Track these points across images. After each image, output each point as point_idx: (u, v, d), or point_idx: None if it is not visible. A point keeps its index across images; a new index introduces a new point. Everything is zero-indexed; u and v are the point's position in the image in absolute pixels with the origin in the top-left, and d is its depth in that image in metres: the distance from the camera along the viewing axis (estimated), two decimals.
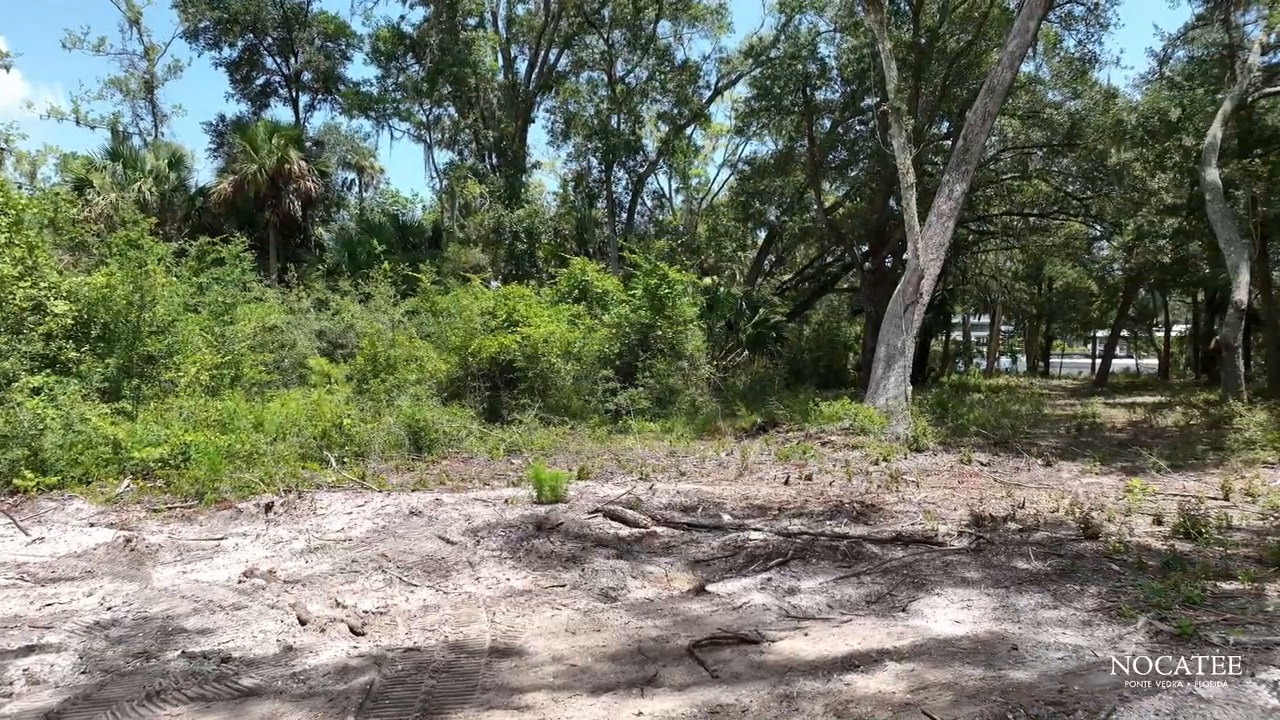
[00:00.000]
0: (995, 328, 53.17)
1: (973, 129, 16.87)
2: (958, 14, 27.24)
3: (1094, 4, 26.26)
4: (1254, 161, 23.63)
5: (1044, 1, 17.22)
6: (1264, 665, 4.17)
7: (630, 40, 32.62)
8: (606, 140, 32.14)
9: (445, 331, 16.81)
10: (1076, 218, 33.80)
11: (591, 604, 5.53)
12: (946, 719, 3.64)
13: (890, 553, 6.62)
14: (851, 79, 28.24)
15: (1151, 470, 10.74)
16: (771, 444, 13.51)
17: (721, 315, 24.75)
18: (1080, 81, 28.77)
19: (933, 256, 16.63)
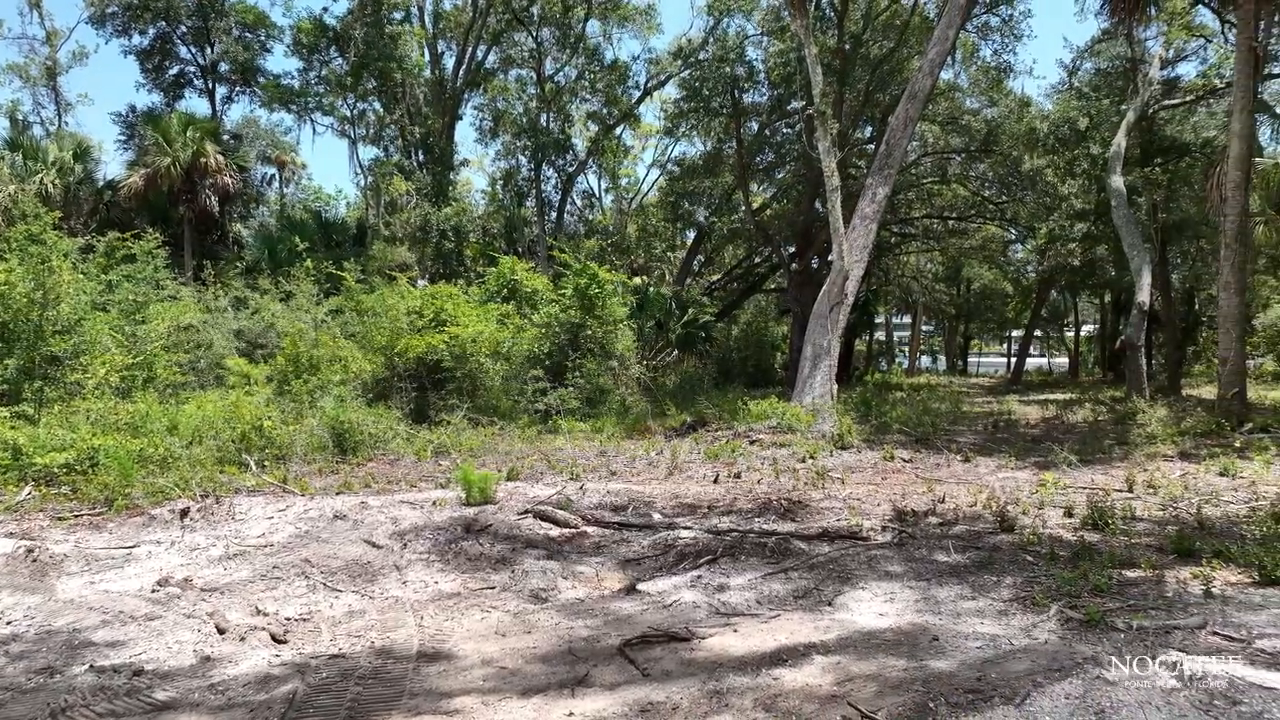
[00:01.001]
0: (916, 327, 54.72)
1: (895, 134, 17.32)
2: (880, 21, 27.93)
3: (1008, 15, 27.26)
4: (1155, 170, 24.87)
5: (962, 11, 17.77)
6: (1163, 648, 4.39)
7: (559, 39, 32.50)
8: (536, 139, 31.96)
9: (371, 331, 16.46)
10: (993, 221, 35.01)
11: (522, 605, 5.49)
12: (871, 710, 3.72)
13: (817, 548, 6.74)
14: (778, 82, 28.69)
15: (1063, 465, 11.17)
16: (701, 443, 13.62)
17: (651, 315, 24.86)
18: (996, 90, 29.83)
19: (857, 258, 17.01)
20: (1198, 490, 8.90)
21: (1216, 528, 7.04)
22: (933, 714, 3.69)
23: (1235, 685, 3.88)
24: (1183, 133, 27.19)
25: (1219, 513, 7.75)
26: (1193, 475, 10.10)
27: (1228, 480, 9.75)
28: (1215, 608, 5.06)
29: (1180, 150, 26.07)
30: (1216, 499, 8.42)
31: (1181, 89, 27.61)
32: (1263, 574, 5.55)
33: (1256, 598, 5.24)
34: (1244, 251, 15.79)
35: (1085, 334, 49.78)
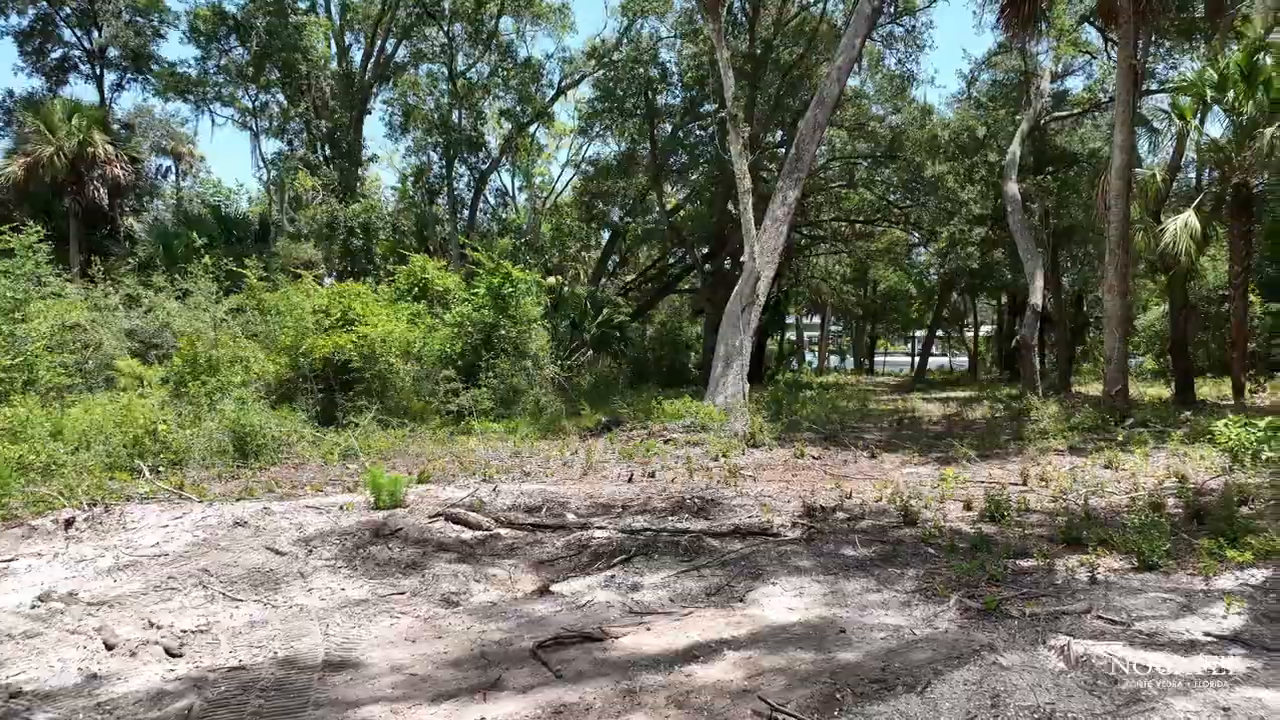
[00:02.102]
0: (826, 328, 56.16)
1: (804, 138, 17.71)
2: (791, 28, 28.54)
3: (912, 26, 28.24)
4: (1046, 178, 26.12)
5: (868, 21, 18.31)
6: (1053, 633, 4.62)
7: (471, 35, 32.04)
8: (447, 135, 31.45)
9: (274, 331, 15.87)
10: (897, 225, 36.21)
11: (433, 610, 5.39)
12: (781, 702, 3.79)
13: (729, 545, 6.84)
14: (692, 85, 29.00)
15: (962, 460, 11.64)
16: (616, 442, 13.65)
17: (566, 315, 24.77)
18: (900, 98, 30.87)
19: (768, 259, 17.32)
20: (1085, 482, 9.40)
21: (1101, 517, 7.45)
22: (839, 704, 3.80)
23: (1116, 665, 4.12)
24: (1071, 143, 28.72)
25: (1104, 503, 8.21)
26: (1081, 468, 10.66)
27: (1111, 472, 10.32)
28: (1099, 593, 5.35)
29: (1069, 160, 27.49)
30: (1101, 490, 8.92)
31: (1070, 102, 29.16)
32: (1141, 560, 5.90)
33: (1136, 582, 5.57)
34: (1126, 256, 16.74)
35: (984, 334, 51.89)
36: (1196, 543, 6.18)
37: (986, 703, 3.76)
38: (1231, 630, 4.61)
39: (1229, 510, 6.95)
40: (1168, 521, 6.95)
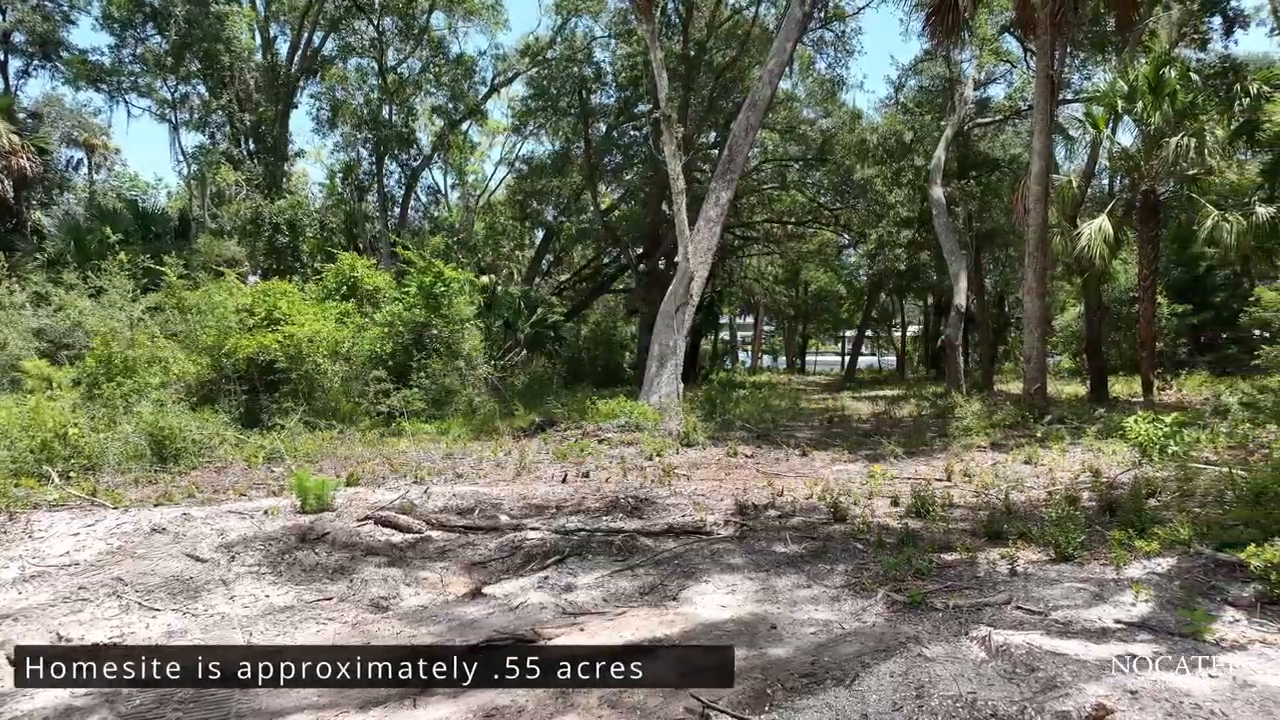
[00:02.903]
0: (758, 328, 56.88)
1: (737, 140, 17.90)
2: (724, 30, 28.82)
3: (841, 32, 28.82)
4: (970, 182, 26.93)
5: (799, 26, 18.60)
6: (975, 624, 4.76)
7: (402, 29, 31.54)
8: (378, 131, 30.87)
9: (195, 330, 15.34)
10: (828, 227, 36.89)
11: (361, 615, 5.28)
12: (713, 699, 3.82)
13: (663, 544, 6.86)
14: (626, 85, 29.07)
15: (890, 457, 11.91)
16: (550, 443, 13.58)
17: (499, 314, 24.56)
18: (831, 102, 31.46)
19: (702, 260, 17.46)
20: (1006, 477, 9.71)
21: (1021, 511, 7.70)
22: (770, 700, 3.84)
23: (1034, 654, 4.26)
24: (993, 149, 29.70)
25: (1023, 497, 8.50)
26: (1002, 464, 11.01)
27: (1031, 468, 10.69)
28: (1019, 584, 5.54)
29: (991, 165, 28.42)
30: (1021, 485, 9.22)
31: (992, 109, 30.14)
32: (1057, 551, 6.13)
33: (1052, 573, 5.78)
34: (1044, 259, 17.37)
35: (911, 334, 53.25)
36: (1108, 534, 6.44)
37: (912, 694, 3.85)
38: (1139, 617, 4.82)
39: (1138, 503, 7.27)
40: (1082, 514, 7.23)
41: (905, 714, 3.64)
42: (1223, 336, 29.98)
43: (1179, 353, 29.74)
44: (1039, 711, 3.60)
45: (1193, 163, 17.88)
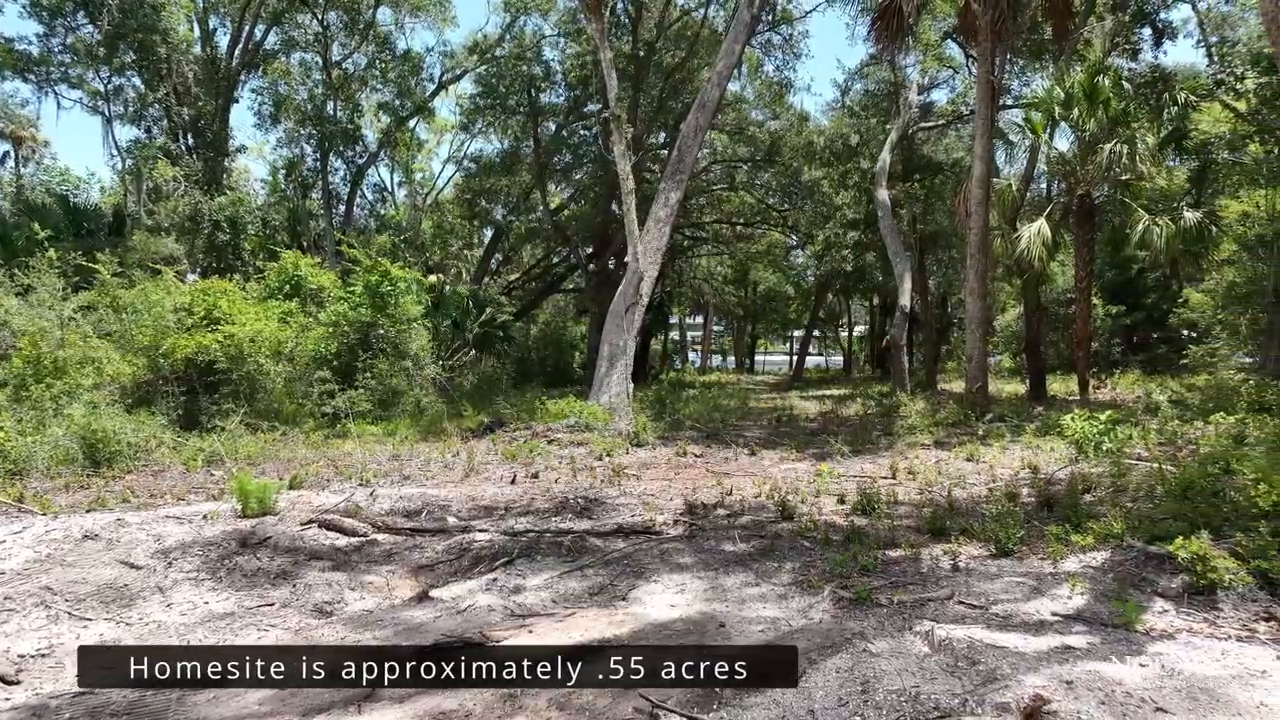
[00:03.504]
0: (708, 327, 57.20)
1: (686, 141, 17.98)
2: (673, 31, 28.91)
3: (789, 35, 29.15)
4: (914, 185, 27.45)
5: (747, 28, 18.75)
6: (918, 619, 4.85)
7: (348, 24, 30.99)
8: (322, 127, 30.28)
9: (130, 330, 14.87)
10: (776, 228, 37.26)
11: (304, 621, 5.18)
12: (661, 699, 3.83)
13: (612, 544, 6.86)
14: (575, 84, 29.00)
15: (837, 455, 12.08)
16: (499, 443, 13.48)
17: (448, 314, 24.30)
18: (779, 104, 31.79)
19: (651, 260, 17.49)
20: (949, 475, 9.92)
21: (963, 508, 7.87)
22: (719, 698, 3.87)
23: (975, 647, 4.36)
24: (936, 153, 30.32)
25: (965, 494, 8.69)
26: (945, 461, 11.24)
27: (973, 465, 10.94)
28: (961, 579, 5.66)
29: (935, 168, 29.02)
30: (963, 482, 9.43)
31: (935, 113, 30.76)
32: (998, 547, 6.28)
33: (993, 568, 5.92)
34: (985, 261, 17.78)
35: (857, 334, 54.11)
36: (1046, 529, 6.61)
37: (857, 689, 3.90)
38: (1075, 609, 4.96)
39: (1074, 498, 7.49)
40: (1022, 510, 7.42)
41: (851, 709, 3.69)
42: (1154, 336, 31.09)
43: (1113, 352, 30.75)
44: (980, 703, 3.69)
45: (1125, 168, 18.48)
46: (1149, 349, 30.57)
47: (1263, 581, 5.03)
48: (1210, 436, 10.61)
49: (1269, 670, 4.02)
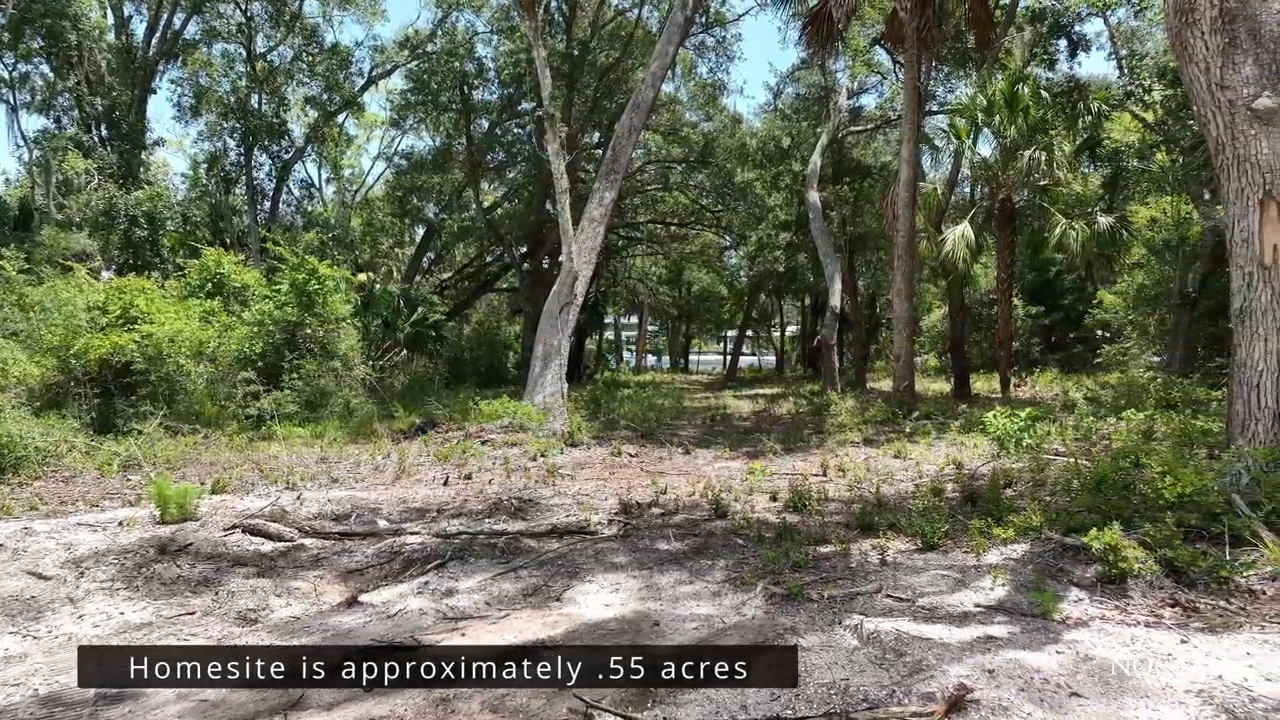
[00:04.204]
0: (643, 327, 57.38)
1: (620, 141, 18.00)
2: (607, 31, 28.92)
3: (722, 38, 29.46)
4: (844, 187, 28.00)
5: (681, 30, 18.86)
6: (848, 613, 4.95)
7: (273, 15, 30.14)
8: (246, 121, 29.37)
9: (39, 329, 14.18)
10: (710, 228, 37.59)
11: (227, 630, 5.02)
12: (596, 699, 3.82)
13: (546, 545, 6.82)
14: (509, 82, 28.77)
15: (769, 453, 12.24)
16: (431, 445, 13.29)
17: (378, 313, 23.83)
18: (712, 105, 32.09)
19: (586, 260, 17.46)
20: (877, 472, 10.15)
21: (891, 504, 8.05)
22: (653, 696, 3.88)
23: (902, 639, 4.47)
24: (865, 156, 31.02)
25: (893, 490, 8.90)
26: (874, 458, 11.50)
27: (900, 462, 11.21)
28: (889, 573, 5.79)
29: (863, 171, 29.67)
30: (891, 479, 9.66)
31: (864, 118, 31.46)
32: (924, 541, 6.44)
33: (919, 562, 6.07)
34: (912, 262, 18.25)
35: (789, 334, 54.94)
36: (970, 523, 6.81)
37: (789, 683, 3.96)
38: (997, 600, 5.12)
39: (996, 493, 7.74)
40: (946, 505, 7.63)
41: (783, 703, 3.75)
42: (1070, 336, 32.37)
43: (1033, 351, 31.89)
44: (906, 694, 3.78)
45: (1043, 174, 19.20)
46: (1066, 348, 31.82)
47: (1168, 569, 5.27)
48: (1122, 432, 11.10)
49: (1173, 653, 4.21)
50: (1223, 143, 6.61)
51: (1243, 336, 6.53)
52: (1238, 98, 6.44)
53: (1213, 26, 6.50)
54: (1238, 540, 5.56)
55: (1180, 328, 20.79)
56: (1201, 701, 3.67)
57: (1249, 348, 6.47)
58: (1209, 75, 6.59)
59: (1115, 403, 14.70)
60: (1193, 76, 6.75)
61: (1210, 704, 3.65)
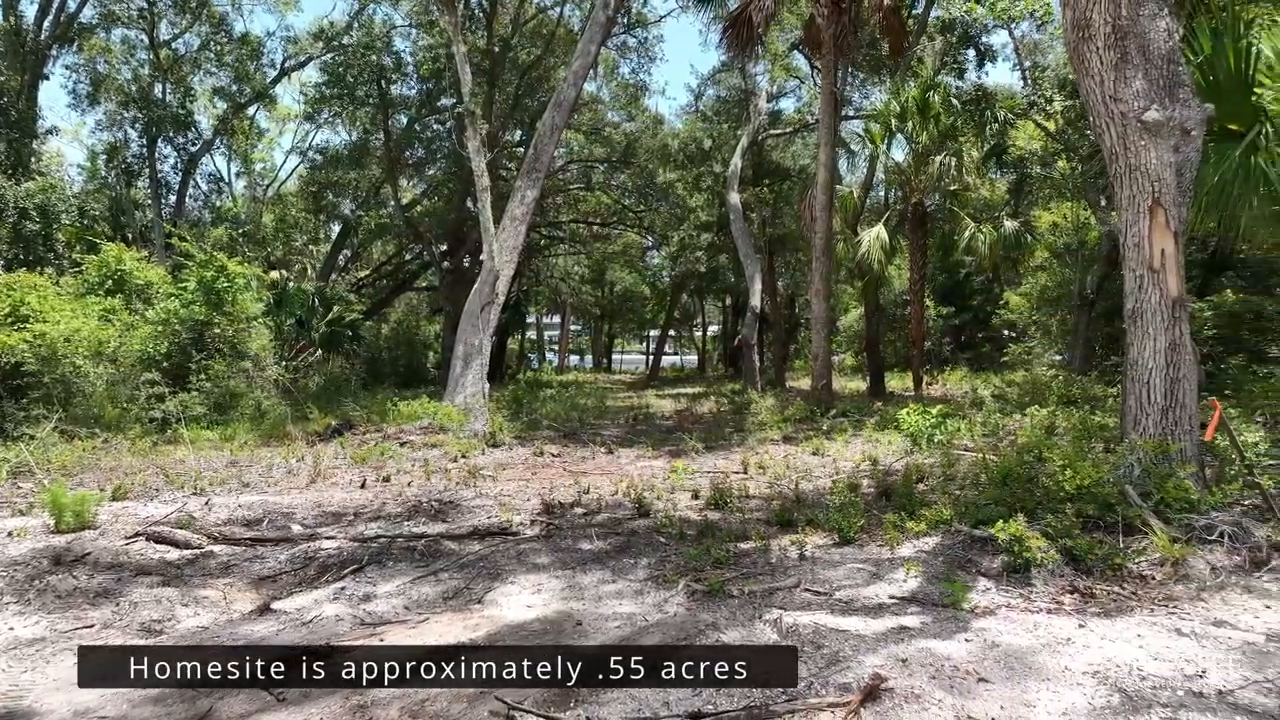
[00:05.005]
0: (565, 327, 57.16)
1: (542, 139, 17.88)
2: (529, 28, 28.72)
3: (644, 39, 29.59)
4: (763, 189, 28.45)
5: (603, 29, 18.85)
6: (768, 608, 5.03)
7: (178, 1, 28.88)
8: (149, 111, 28.08)
9: None
10: (632, 228, 37.71)
11: (129, 642, 4.79)
12: (517, 700, 3.79)
13: (468, 547, 6.74)
14: (428, 77, 28.27)
15: (691, 452, 12.36)
16: (348, 447, 12.97)
17: (291, 312, 23.14)
18: (634, 106, 32.21)
19: (507, 258, 17.30)
20: (796, 468, 10.36)
21: (809, 500, 8.23)
22: (575, 695, 3.87)
23: (819, 632, 4.57)
24: (785, 159, 31.59)
25: (811, 487, 9.09)
26: (793, 456, 11.72)
27: (818, 458, 11.46)
28: (807, 568, 5.91)
29: (783, 174, 30.23)
30: (810, 475, 9.87)
31: (783, 121, 32.05)
32: (841, 536, 6.60)
33: (836, 556, 6.22)
34: (829, 263, 18.67)
35: (711, 333, 55.55)
36: (884, 517, 7.00)
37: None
38: (909, 592, 5.28)
39: (909, 488, 7.98)
40: (862, 500, 7.84)
41: (704, 698, 3.78)
42: (979, 336, 33.64)
43: (944, 350, 33.03)
44: (824, 685, 3.86)
45: (953, 179, 19.89)
46: (975, 347, 33.05)
47: (1068, 558, 5.53)
48: (1026, 428, 11.58)
49: (1072, 638, 4.42)
50: (1116, 152, 6.96)
51: (1134, 336, 6.88)
52: (1129, 110, 6.79)
53: (1106, 42, 6.84)
54: (1130, 529, 5.87)
55: (1080, 328, 21.81)
56: (1097, 682, 3.87)
57: (1140, 346, 6.83)
58: (1103, 88, 6.92)
59: (1020, 400, 15.33)
60: (1089, 89, 7.09)
61: (1105, 684, 3.84)
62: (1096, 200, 21.30)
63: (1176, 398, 6.68)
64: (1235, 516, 5.98)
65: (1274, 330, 14.97)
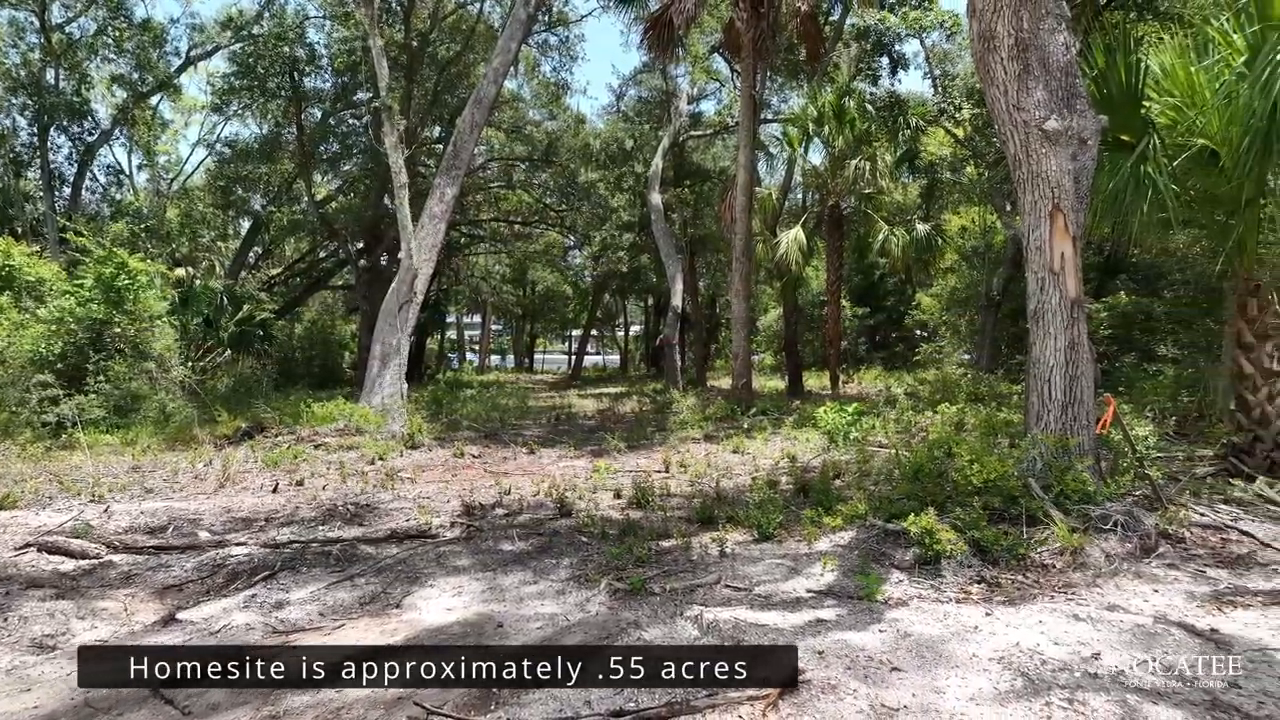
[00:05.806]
0: (486, 326, 56.52)
1: (462, 136, 17.64)
2: (448, 24, 28.28)
3: (565, 37, 29.45)
4: (684, 190, 28.70)
5: (524, 26, 18.71)
6: (689, 604, 5.08)
7: None
8: (40, 98, 26.57)
9: None
10: (554, 228, 37.52)
11: (19, 659, 4.53)
12: (437, 704, 3.74)
13: (385, 551, 6.60)
14: (343, 70, 27.51)
15: (614, 451, 12.37)
16: (259, 450, 12.52)
17: (198, 311, 22.26)
18: (556, 105, 32.06)
19: (426, 257, 17.00)
20: (717, 466, 10.48)
21: (730, 497, 8.33)
22: (496, 698, 3.83)
23: (739, 627, 4.63)
24: (705, 160, 31.90)
25: (732, 484, 9.21)
26: (714, 454, 11.85)
27: (738, 456, 11.62)
28: (728, 564, 5.98)
29: (703, 175, 30.53)
30: (730, 473, 9.99)
31: (704, 123, 32.36)
32: (760, 532, 6.71)
33: (756, 552, 6.32)
34: (749, 264, 18.95)
35: (633, 333, 55.72)
36: (802, 513, 7.15)
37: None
38: (826, 585, 5.40)
39: (826, 484, 8.17)
40: (781, 497, 7.98)
41: (626, 695, 3.80)
42: (893, 335, 34.64)
43: (860, 350, 33.91)
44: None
45: (868, 182, 20.43)
46: (889, 347, 34.03)
47: (976, 549, 5.75)
48: (937, 424, 11.97)
49: (979, 626, 4.60)
50: (1019, 159, 7.26)
51: (1037, 335, 7.20)
52: (1031, 119, 7.10)
53: (1010, 54, 7.13)
54: (1033, 520, 6.13)
55: (987, 328, 22.66)
56: (1002, 667, 4.03)
57: (1042, 345, 7.14)
58: (1007, 98, 7.22)
59: (931, 397, 15.83)
60: (994, 98, 7.38)
61: (1009, 669, 4.01)
62: (1002, 205, 22.18)
63: (1075, 394, 7.01)
64: (1127, 506, 6.32)
65: (1163, 330, 15.86)
